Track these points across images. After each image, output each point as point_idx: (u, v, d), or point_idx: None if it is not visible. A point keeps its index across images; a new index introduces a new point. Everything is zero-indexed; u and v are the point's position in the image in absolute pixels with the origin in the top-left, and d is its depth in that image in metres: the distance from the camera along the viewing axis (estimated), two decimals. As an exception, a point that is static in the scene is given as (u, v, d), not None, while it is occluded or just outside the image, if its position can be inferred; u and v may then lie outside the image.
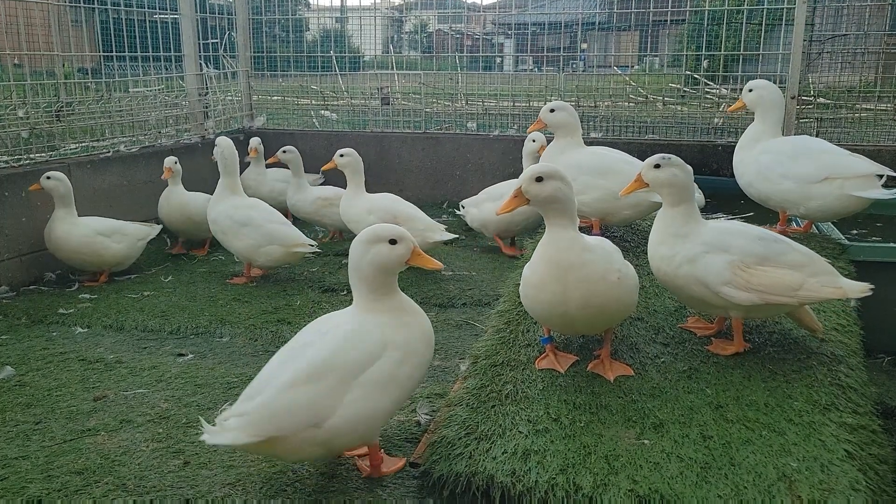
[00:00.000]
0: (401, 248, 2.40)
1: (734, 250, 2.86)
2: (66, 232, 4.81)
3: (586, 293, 2.61)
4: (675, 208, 2.94)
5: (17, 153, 5.26)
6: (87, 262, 4.94)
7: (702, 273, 2.85)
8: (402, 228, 2.46)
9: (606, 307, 2.69)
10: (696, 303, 3.05)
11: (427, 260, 2.48)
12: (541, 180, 2.56)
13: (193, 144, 6.71)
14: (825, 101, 6.49)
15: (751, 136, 4.17)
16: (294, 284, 4.88)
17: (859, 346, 3.12)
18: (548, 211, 2.61)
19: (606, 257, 2.69)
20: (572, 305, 2.64)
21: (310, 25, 9.84)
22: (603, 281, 2.62)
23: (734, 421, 2.53)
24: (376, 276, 2.40)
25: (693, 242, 2.89)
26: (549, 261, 2.64)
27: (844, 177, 3.83)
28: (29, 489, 2.48)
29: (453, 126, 7.39)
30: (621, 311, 2.80)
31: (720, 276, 2.83)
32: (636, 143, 6.39)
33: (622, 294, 2.70)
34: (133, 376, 3.46)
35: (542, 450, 2.40)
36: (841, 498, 2.13)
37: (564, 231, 2.60)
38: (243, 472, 2.58)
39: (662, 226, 2.98)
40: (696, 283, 2.88)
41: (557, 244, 2.61)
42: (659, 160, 2.95)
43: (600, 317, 2.73)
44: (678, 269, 2.90)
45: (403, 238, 2.41)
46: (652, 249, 3.03)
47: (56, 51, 5.99)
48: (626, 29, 8.49)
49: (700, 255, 2.86)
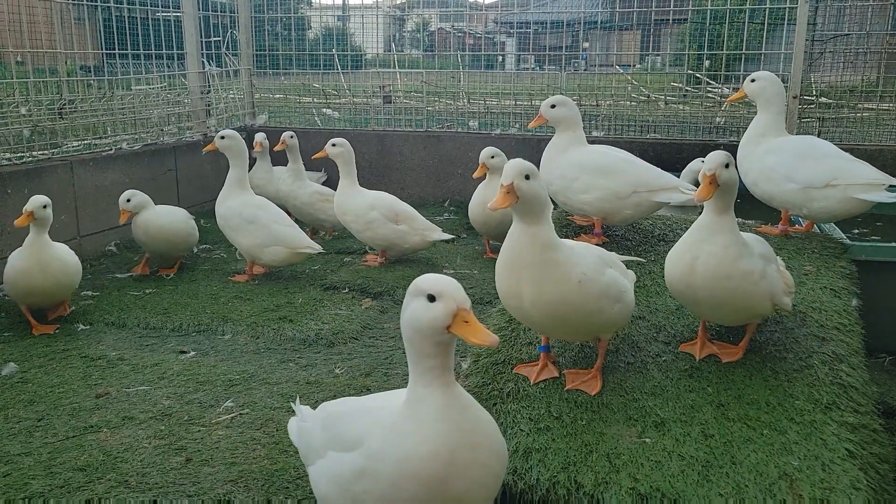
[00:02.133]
0: (440, 307, 1.72)
1: (771, 257, 2.88)
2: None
3: (537, 292, 2.53)
4: (724, 214, 2.76)
5: (19, 150, 5.27)
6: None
7: (771, 287, 2.78)
8: (448, 280, 1.76)
9: (562, 310, 2.56)
10: (738, 317, 2.92)
11: (478, 331, 1.70)
12: (528, 178, 2.47)
13: (195, 142, 6.71)
14: (827, 100, 6.49)
15: (756, 131, 4.14)
16: (296, 282, 4.89)
17: (861, 346, 3.12)
18: (527, 207, 2.50)
19: (571, 260, 2.55)
20: (526, 302, 2.56)
21: (312, 24, 9.84)
22: (560, 280, 2.51)
23: (735, 419, 2.53)
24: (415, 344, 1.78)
25: (753, 255, 2.77)
26: (507, 254, 2.58)
27: (850, 182, 3.83)
28: (31, 485, 2.49)
29: (455, 124, 7.40)
30: (587, 320, 2.63)
31: (779, 285, 2.82)
32: (638, 142, 6.40)
33: (584, 300, 2.55)
34: (135, 373, 3.46)
35: (544, 448, 2.41)
36: (842, 496, 2.13)
37: (528, 227, 2.51)
38: (245, 469, 2.59)
39: (732, 238, 2.74)
40: (766, 298, 2.79)
41: (519, 239, 2.53)
42: (728, 159, 2.72)
43: (563, 320, 2.61)
44: (757, 286, 2.75)
45: (443, 295, 1.72)
46: (728, 265, 2.73)
47: (59, 48, 6.00)
48: (628, 28, 8.49)
49: (764, 268, 2.78)
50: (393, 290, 4.65)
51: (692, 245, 2.80)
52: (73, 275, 4.17)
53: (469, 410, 1.80)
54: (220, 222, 4.96)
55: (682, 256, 2.82)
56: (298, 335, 3.97)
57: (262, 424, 2.93)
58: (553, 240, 2.55)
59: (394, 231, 5.06)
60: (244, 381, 3.37)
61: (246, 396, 3.20)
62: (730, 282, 2.72)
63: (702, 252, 2.76)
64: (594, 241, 4.22)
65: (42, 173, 5.11)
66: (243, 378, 3.39)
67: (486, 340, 1.68)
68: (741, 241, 2.77)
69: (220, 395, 3.21)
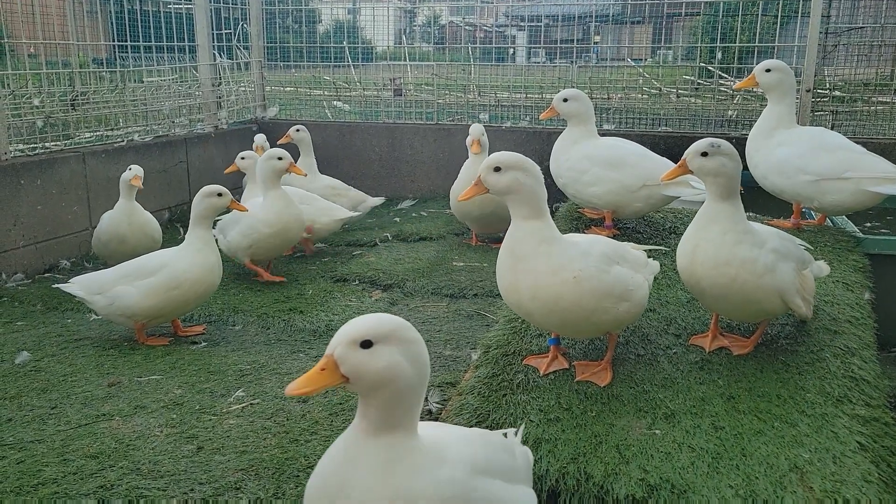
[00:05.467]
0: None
1: (792, 256, 2.80)
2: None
3: (533, 285, 2.52)
4: (726, 201, 2.72)
5: (32, 142, 5.30)
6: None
7: (781, 283, 2.71)
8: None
9: (560, 307, 2.53)
10: (744, 312, 2.88)
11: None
12: (499, 170, 2.48)
13: (206, 134, 6.73)
14: (840, 94, 6.44)
15: (768, 123, 4.08)
16: (306, 274, 4.90)
17: (873, 339, 3.10)
18: (509, 201, 2.53)
19: (569, 255, 2.53)
20: (524, 297, 2.56)
21: (322, 17, 9.84)
22: (553, 276, 2.50)
23: (746, 412, 2.52)
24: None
25: (765, 249, 2.71)
26: (505, 249, 2.60)
27: (863, 175, 3.80)
28: (45, 472, 2.51)
29: (465, 117, 7.38)
30: (588, 318, 2.58)
31: (794, 285, 2.75)
32: (649, 136, 6.37)
33: (580, 298, 2.51)
34: (147, 363, 3.49)
35: (554, 439, 2.41)
36: (853, 489, 2.13)
37: (524, 221, 2.51)
38: (256, 457, 2.60)
39: (730, 224, 2.71)
40: (774, 294, 2.72)
41: (515, 234, 2.54)
42: (707, 147, 2.71)
43: (561, 317, 2.58)
44: (760, 278, 2.68)
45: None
46: (725, 252, 2.71)
47: (72, 40, 6.03)
48: (640, 22, 8.44)
49: (775, 263, 2.71)
50: (402, 283, 4.65)
51: (693, 234, 2.81)
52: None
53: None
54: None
55: (685, 245, 2.83)
56: (308, 326, 3.98)
57: (272, 414, 2.94)
58: (549, 234, 2.53)
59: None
60: (255, 371, 3.38)
61: (256, 386, 3.21)
62: (728, 269, 2.68)
63: (701, 240, 2.76)
64: (604, 233, 4.22)
65: (55, 164, 5.14)
66: (254, 368, 3.41)
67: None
68: (744, 229, 2.73)
69: (230, 385, 3.23)
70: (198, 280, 3.64)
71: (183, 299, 3.65)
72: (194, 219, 3.70)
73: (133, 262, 3.71)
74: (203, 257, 3.66)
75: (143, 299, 3.57)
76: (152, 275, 3.59)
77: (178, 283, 3.60)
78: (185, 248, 3.67)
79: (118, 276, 3.64)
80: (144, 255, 3.76)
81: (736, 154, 2.75)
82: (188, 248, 3.66)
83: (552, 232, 2.55)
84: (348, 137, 7.27)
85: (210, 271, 3.69)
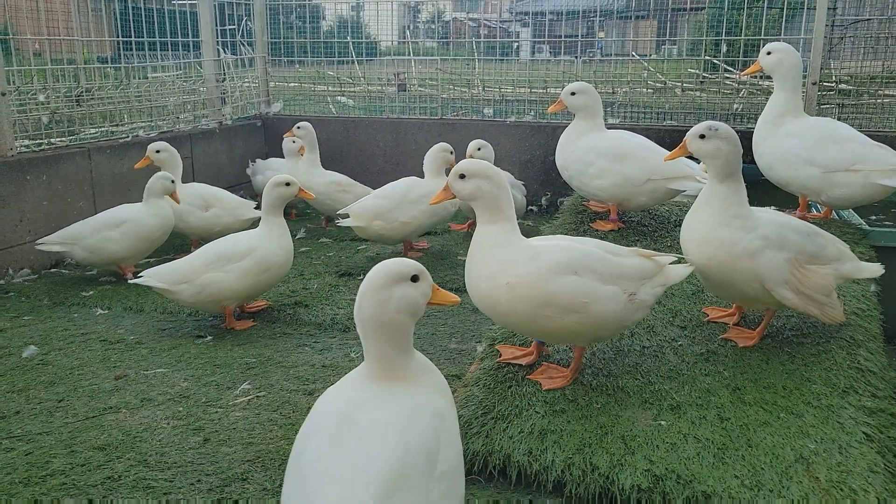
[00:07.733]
0: (425, 285, 1.85)
1: (790, 247, 2.77)
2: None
3: (476, 289, 2.61)
4: (722, 184, 2.77)
5: (37, 138, 5.31)
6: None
7: (762, 270, 2.72)
8: (412, 260, 1.88)
9: (498, 311, 2.57)
10: (734, 295, 2.92)
11: (449, 294, 1.95)
12: (464, 177, 2.56)
13: (211, 130, 6.74)
14: (847, 87, 6.41)
15: (774, 111, 4.00)
16: (311, 269, 4.91)
17: (879, 331, 3.10)
18: (473, 206, 2.61)
19: (512, 260, 2.52)
20: (475, 299, 2.64)
21: (326, 12, 9.83)
22: (490, 280, 2.54)
23: (752, 403, 2.52)
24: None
25: (753, 234, 2.73)
26: (469, 251, 2.69)
27: (872, 168, 3.76)
28: (53, 463, 2.52)
29: (469, 112, 7.37)
30: (529, 325, 2.58)
31: (781, 275, 2.73)
32: (654, 129, 6.35)
33: (513, 304, 2.50)
34: (153, 356, 3.50)
35: (559, 429, 2.41)
36: (859, 479, 2.12)
37: (484, 226, 2.59)
38: (262, 449, 2.61)
39: (718, 206, 2.76)
40: (753, 279, 2.74)
41: (475, 237, 2.61)
42: (704, 130, 2.79)
43: (504, 320, 2.65)
44: (738, 260, 2.72)
45: (423, 273, 1.86)
46: (707, 232, 2.77)
47: (76, 37, 6.03)
48: (645, 17, 8.42)
49: (760, 249, 2.72)
50: (408, 277, 4.65)
51: (689, 214, 2.91)
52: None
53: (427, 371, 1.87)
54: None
55: (683, 225, 2.93)
56: (314, 320, 3.99)
57: (278, 406, 2.95)
58: (504, 238, 2.56)
59: (203, 219, 5.16)
60: (261, 364, 3.39)
61: (263, 379, 3.22)
62: (706, 248, 2.77)
63: (692, 220, 2.87)
64: (609, 227, 4.21)
65: (60, 160, 5.16)
66: (260, 361, 3.42)
67: (456, 300, 1.97)
68: (735, 213, 2.76)
69: (237, 378, 3.24)
70: (283, 263, 3.90)
71: (269, 282, 3.89)
72: (266, 207, 3.89)
73: (213, 250, 3.83)
74: (285, 241, 3.92)
75: (236, 283, 3.75)
76: (241, 260, 3.77)
77: (269, 266, 3.82)
78: (267, 234, 3.88)
79: (204, 264, 3.75)
80: (217, 242, 3.90)
81: (734, 137, 2.78)
82: (270, 234, 3.88)
83: (509, 237, 2.57)
84: (352, 133, 7.27)
85: (290, 253, 3.96)
